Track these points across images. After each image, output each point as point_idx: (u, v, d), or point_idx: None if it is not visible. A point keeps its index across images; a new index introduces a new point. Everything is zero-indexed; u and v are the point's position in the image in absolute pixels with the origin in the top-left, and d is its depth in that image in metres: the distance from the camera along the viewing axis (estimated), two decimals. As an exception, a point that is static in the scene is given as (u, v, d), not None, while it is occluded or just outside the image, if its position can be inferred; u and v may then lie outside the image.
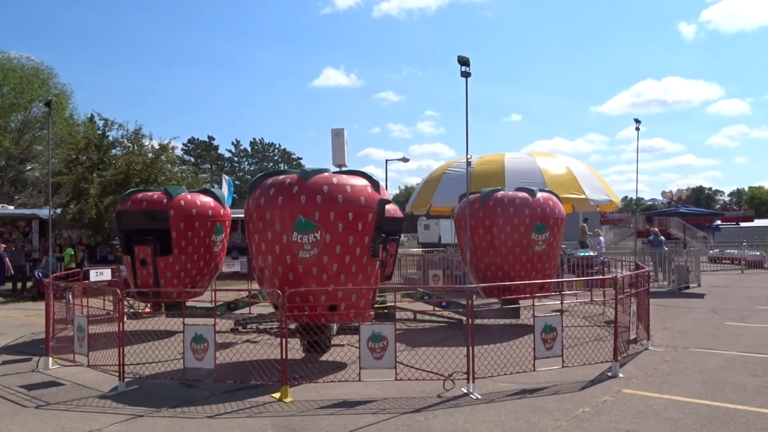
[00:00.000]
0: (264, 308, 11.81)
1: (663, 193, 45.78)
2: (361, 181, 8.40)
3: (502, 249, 11.33)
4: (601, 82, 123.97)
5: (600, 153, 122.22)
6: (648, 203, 46.28)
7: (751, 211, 50.70)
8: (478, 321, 9.82)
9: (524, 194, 11.58)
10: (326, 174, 8.40)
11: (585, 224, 21.95)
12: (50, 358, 8.74)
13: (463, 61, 7.20)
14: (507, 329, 10.41)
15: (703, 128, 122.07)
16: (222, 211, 11.72)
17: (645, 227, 32.79)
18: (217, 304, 11.08)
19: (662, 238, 20.53)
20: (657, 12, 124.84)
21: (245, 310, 11.80)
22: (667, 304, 14.19)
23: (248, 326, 11.31)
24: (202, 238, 11.27)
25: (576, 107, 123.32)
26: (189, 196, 11.37)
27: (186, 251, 11.10)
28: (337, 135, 11.43)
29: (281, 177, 8.61)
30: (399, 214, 10.97)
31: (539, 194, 11.65)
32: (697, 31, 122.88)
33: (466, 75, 7.24)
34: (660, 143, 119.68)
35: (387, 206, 8.92)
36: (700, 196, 42.02)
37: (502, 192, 11.78)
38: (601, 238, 21.16)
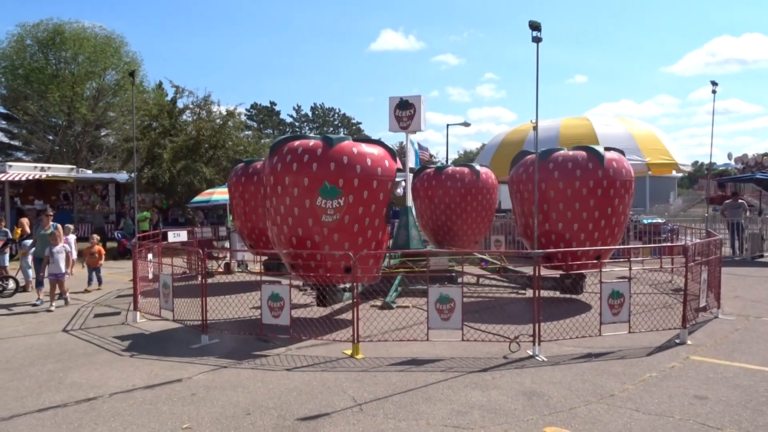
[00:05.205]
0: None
1: (729, 156, 43.05)
2: None
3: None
4: (672, 40, 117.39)
5: (671, 116, 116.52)
6: (720, 168, 43.88)
7: (836, 177, 47.33)
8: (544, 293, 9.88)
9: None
10: None
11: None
12: (138, 313, 9.45)
13: (534, 26, 7.06)
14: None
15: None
16: None
17: (717, 193, 31.43)
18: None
19: (741, 201, 18.28)
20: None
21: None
22: (739, 273, 13.75)
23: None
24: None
25: (645, 68, 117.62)
26: None
27: None
28: (421, 103, 11.68)
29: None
30: None
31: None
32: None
33: (537, 40, 7.11)
34: (736, 105, 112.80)
35: None
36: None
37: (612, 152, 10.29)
38: None
